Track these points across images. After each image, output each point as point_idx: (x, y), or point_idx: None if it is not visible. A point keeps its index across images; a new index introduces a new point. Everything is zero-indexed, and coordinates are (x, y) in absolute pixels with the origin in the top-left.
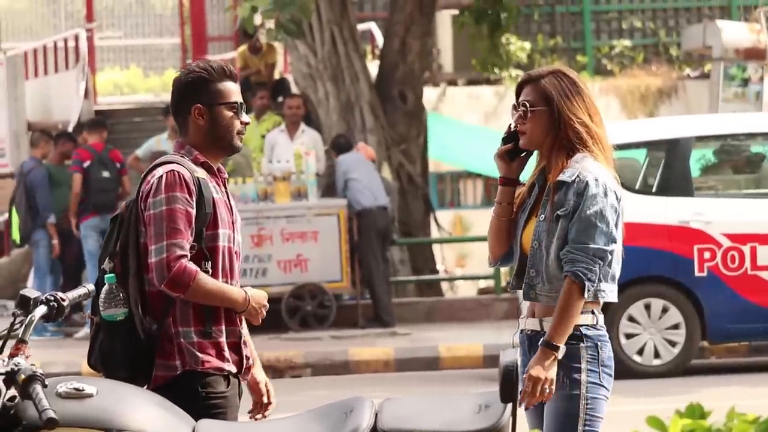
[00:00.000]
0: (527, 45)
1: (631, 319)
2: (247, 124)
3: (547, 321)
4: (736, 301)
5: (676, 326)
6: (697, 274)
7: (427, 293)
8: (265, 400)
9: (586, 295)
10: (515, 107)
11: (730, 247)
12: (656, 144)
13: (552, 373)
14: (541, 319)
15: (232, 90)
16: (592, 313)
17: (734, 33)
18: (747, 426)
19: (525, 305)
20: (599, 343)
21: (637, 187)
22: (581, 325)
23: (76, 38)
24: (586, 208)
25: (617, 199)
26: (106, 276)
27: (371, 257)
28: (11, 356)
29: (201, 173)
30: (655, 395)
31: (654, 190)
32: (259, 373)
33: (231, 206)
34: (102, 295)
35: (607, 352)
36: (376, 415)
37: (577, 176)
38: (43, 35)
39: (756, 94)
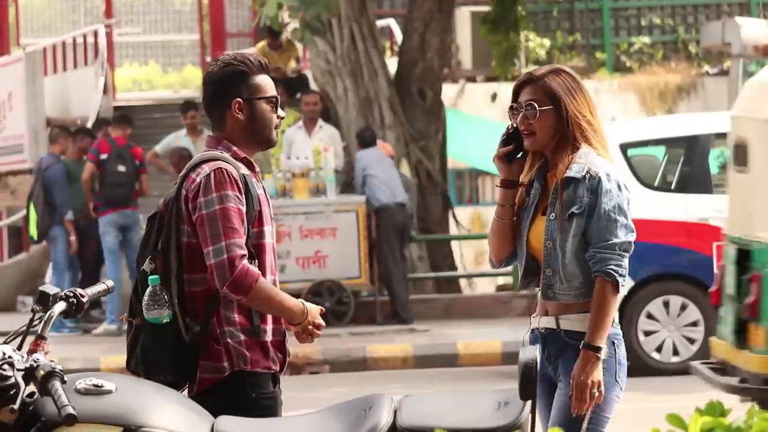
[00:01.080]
0: (546, 42)
1: (650, 316)
2: (282, 118)
3: (563, 318)
4: None
5: (694, 323)
6: (716, 271)
7: (446, 290)
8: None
9: (621, 291)
10: (514, 108)
11: None
12: (675, 141)
13: (597, 375)
14: (556, 317)
15: (269, 84)
16: None
17: (753, 30)
18: (767, 424)
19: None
20: (615, 341)
21: (656, 184)
22: None
23: (95, 34)
24: (604, 204)
25: (626, 189)
26: (149, 277)
27: (389, 254)
28: (30, 352)
29: (244, 170)
30: (673, 393)
31: (673, 187)
32: None
33: (268, 200)
34: (146, 298)
35: (622, 351)
36: (395, 412)
37: (587, 172)
38: (62, 31)
39: None
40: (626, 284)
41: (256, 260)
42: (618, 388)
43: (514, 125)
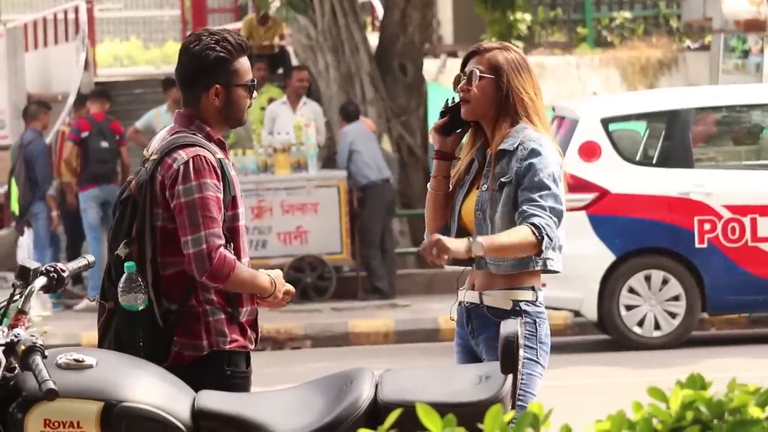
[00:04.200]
0: (528, 17)
1: (632, 290)
2: (255, 98)
3: (486, 294)
4: (736, 273)
5: (676, 298)
6: (697, 245)
7: (427, 265)
8: None
9: (543, 248)
10: (458, 79)
11: (731, 219)
12: (656, 115)
13: (456, 247)
14: (480, 293)
15: (247, 67)
16: (533, 289)
17: (734, 4)
18: (747, 397)
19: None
20: (537, 320)
21: (637, 158)
22: (520, 301)
23: (76, 10)
24: (537, 171)
25: (560, 167)
26: (126, 264)
27: (374, 231)
28: (11, 327)
29: (219, 153)
30: (655, 367)
31: (654, 161)
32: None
33: (237, 181)
34: (121, 284)
35: (544, 330)
36: (377, 386)
37: (520, 144)
38: (43, 7)
39: (756, 66)
40: (556, 265)
41: (232, 243)
42: (540, 367)
43: (454, 99)
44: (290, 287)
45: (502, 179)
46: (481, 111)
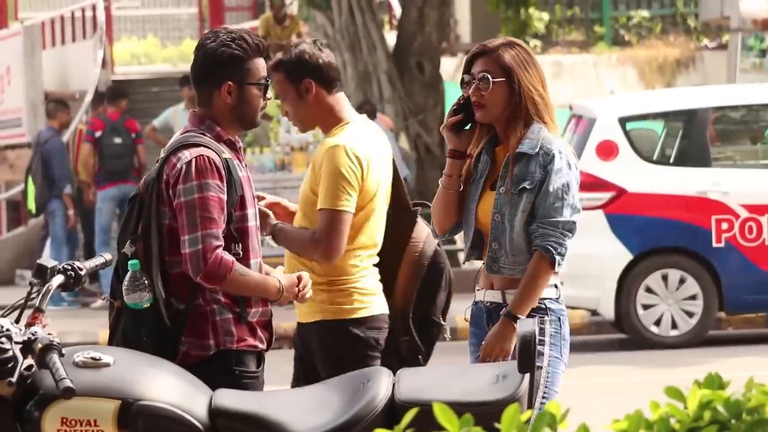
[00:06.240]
0: (545, 16)
1: (649, 290)
2: (270, 99)
3: (509, 293)
4: (753, 272)
5: (693, 297)
6: (714, 244)
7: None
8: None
9: (556, 269)
10: (466, 80)
11: (748, 218)
12: (674, 114)
13: (510, 346)
14: (503, 292)
15: (262, 67)
16: (556, 287)
17: (752, 3)
18: (765, 396)
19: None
20: (561, 317)
21: (654, 157)
22: (546, 299)
23: (94, 8)
24: (554, 181)
25: (577, 170)
26: (129, 262)
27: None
28: (28, 325)
29: (227, 153)
30: (672, 366)
31: (671, 160)
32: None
33: (250, 179)
34: (125, 282)
35: (566, 328)
36: (394, 385)
37: (541, 148)
38: (60, 5)
39: None
40: (563, 266)
41: (240, 244)
42: (562, 364)
43: (466, 96)
44: (300, 292)
45: (525, 185)
46: (497, 114)
